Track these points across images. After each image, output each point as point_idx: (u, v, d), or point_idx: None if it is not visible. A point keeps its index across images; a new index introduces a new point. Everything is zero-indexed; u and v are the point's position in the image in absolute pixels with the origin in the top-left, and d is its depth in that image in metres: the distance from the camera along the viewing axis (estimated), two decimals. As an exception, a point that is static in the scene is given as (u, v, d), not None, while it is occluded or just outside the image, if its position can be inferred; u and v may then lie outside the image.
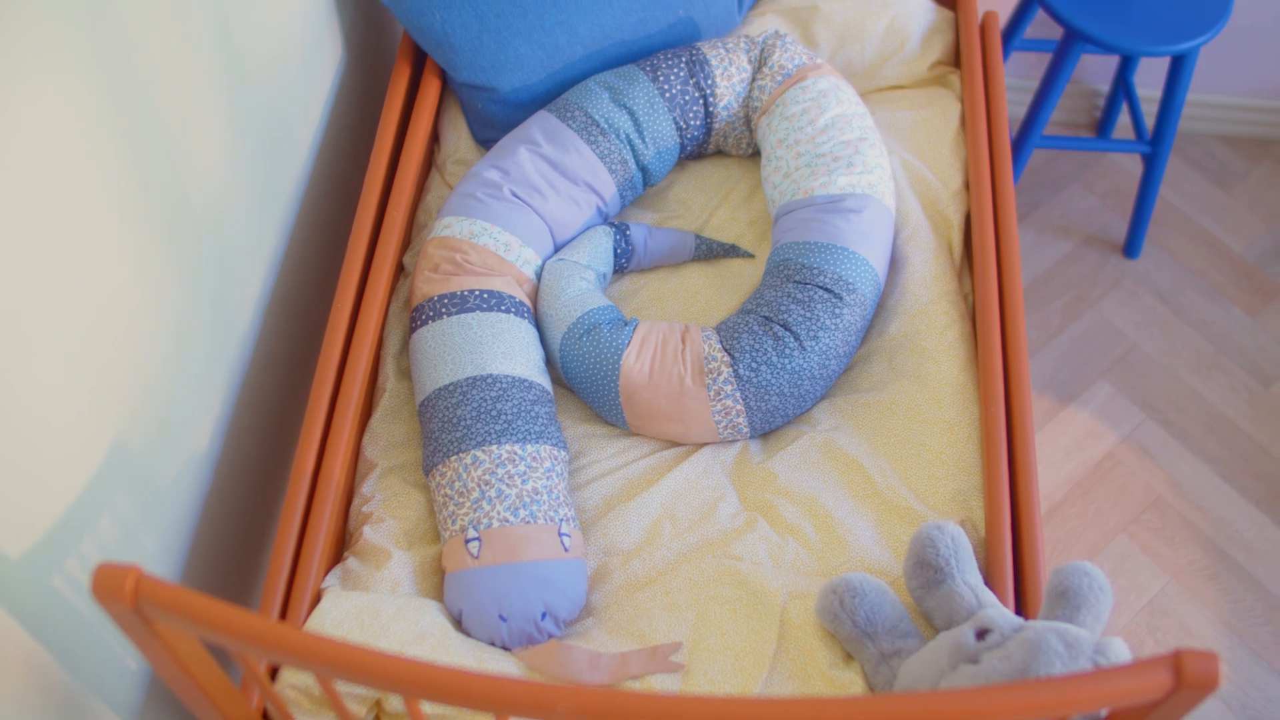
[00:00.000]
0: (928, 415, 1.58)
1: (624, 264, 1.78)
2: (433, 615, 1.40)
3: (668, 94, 1.80)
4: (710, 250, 1.80)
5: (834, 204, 1.69)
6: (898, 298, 1.70)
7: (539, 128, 1.78)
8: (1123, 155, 2.66)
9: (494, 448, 1.48)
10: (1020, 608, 1.41)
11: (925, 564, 1.36)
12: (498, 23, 1.79)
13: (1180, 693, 0.92)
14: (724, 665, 1.38)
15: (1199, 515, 2.16)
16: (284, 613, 1.40)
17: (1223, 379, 2.32)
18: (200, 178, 1.40)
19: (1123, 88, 2.44)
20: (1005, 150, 1.80)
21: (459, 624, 1.43)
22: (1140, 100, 2.61)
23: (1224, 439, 2.25)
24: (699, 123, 1.84)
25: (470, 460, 1.47)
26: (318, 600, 1.42)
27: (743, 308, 1.66)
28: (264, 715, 1.33)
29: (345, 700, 1.32)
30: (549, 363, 1.68)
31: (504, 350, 1.57)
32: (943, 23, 1.99)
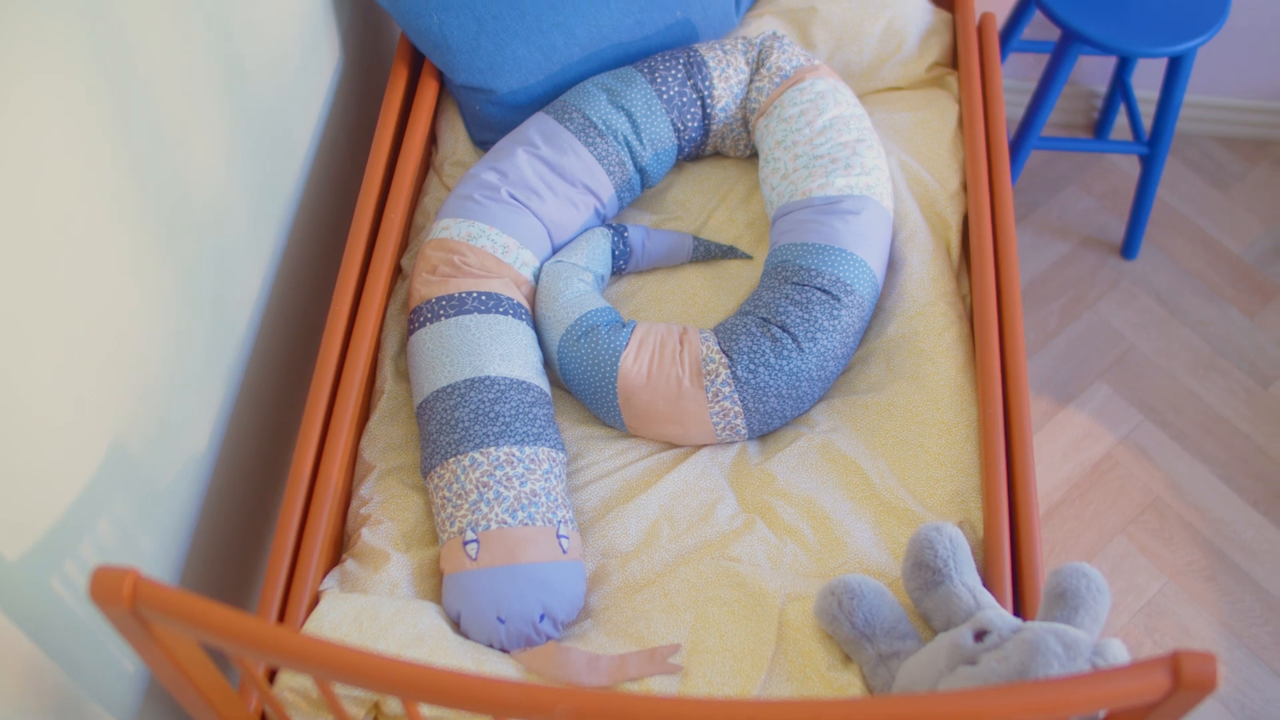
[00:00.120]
0: (926, 416, 1.58)
1: (622, 266, 1.78)
2: (431, 617, 1.39)
3: (665, 96, 1.80)
4: (708, 252, 1.80)
5: (832, 205, 1.69)
6: (896, 299, 1.70)
7: (537, 130, 1.78)
8: (1120, 156, 2.66)
9: (492, 450, 1.48)
10: (1018, 609, 1.41)
11: (923, 565, 1.36)
12: (495, 25, 1.79)
13: (1178, 694, 0.92)
14: (722, 667, 1.38)
15: (1197, 516, 2.16)
16: (282, 615, 1.40)
17: (1221, 380, 2.32)
18: (199, 179, 1.40)
19: (1120, 89, 2.44)
20: (1003, 151, 1.80)
21: (457, 626, 1.43)
22: (1138, 101, 2.61)
23: (1222, 440, 2.25)
24: (697, 124, 1.84)
25: (468, 462, 1.47)
26: (316, 602, 1.42)
27: (741, 309, 1.66)
28: (262, 718, 1.33)
29: (344, 703, 1.32)
30: (547, 364, 1.68)
31: (502, 352, 1.56)
32: (940, 24, 1.99)
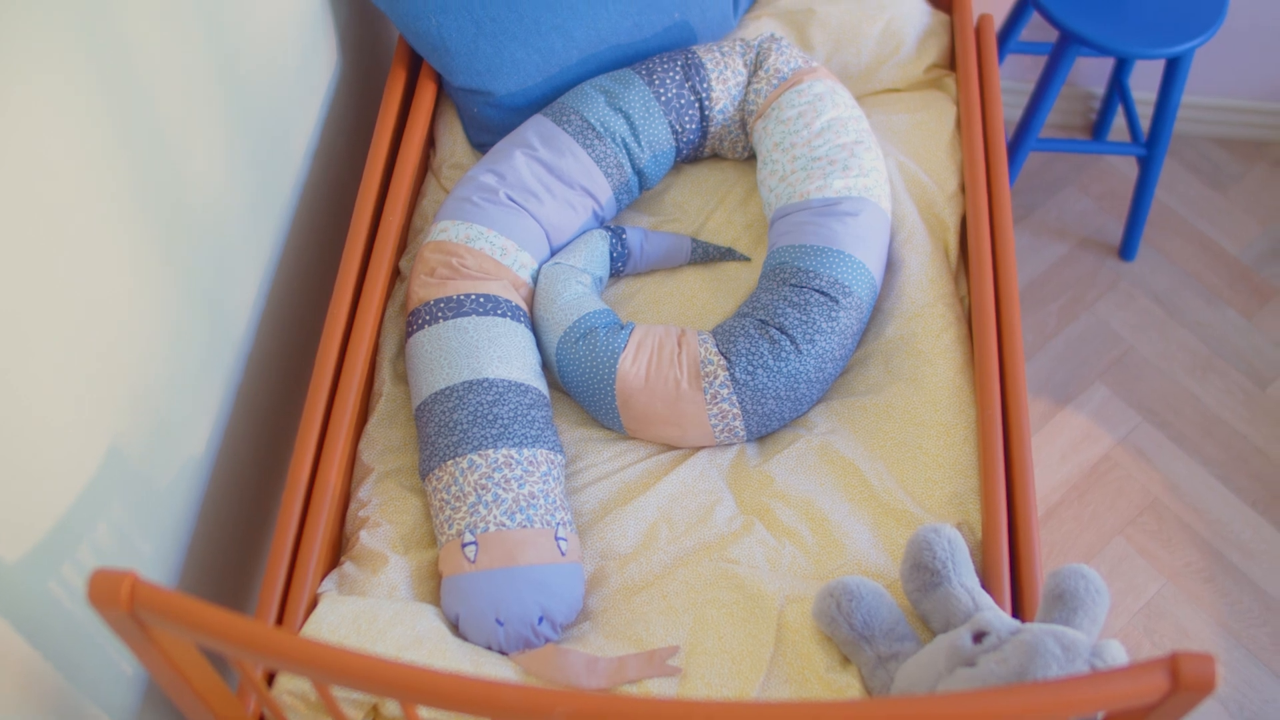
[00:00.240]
0: (924, 418, 1.58)
1: (620, 268, 1.78)
2: (429, 620, 1.39)
3: (663, 98, 1.80)
4: (706, 253, 1.80)
5: (830, 207, 1.69)
6: (894, 301, 1.70)
7: (535, 132, 1.78)
8: (1118, 158, 2.66)
9: (490, 452, 1.48)
10: (1017, 610, 1.41)
11: (922, 567, 1.36)
12: (493, 27, 1.79)
13: (1177, 695, 0.92)
14: (721, 669, 1.38)
15: (1195, 517, 2.16)
16: (280, 618, 1.40)
17: (1219, 381, 2.33)
18: (197, 180, 1.40)
19: (1118, 90, 2.45)
20: (1001, 153, 1.80)
21: (456, 628, 1.43)
22: (1135, 103, 2.61)
23: (1220, 441, 2.25)
24: (695, 126, 1.84)
25: (467, 464, 1.47)
26: (314, 605, 1.42)
27: (739, 311, 1.66)
28: (260, 720, 1.33)
29: (342, 705, 1.32)
30: (545, 366, 1.68)
31: (500, 354, 1.56)
32: (938, 26, 1.99)
